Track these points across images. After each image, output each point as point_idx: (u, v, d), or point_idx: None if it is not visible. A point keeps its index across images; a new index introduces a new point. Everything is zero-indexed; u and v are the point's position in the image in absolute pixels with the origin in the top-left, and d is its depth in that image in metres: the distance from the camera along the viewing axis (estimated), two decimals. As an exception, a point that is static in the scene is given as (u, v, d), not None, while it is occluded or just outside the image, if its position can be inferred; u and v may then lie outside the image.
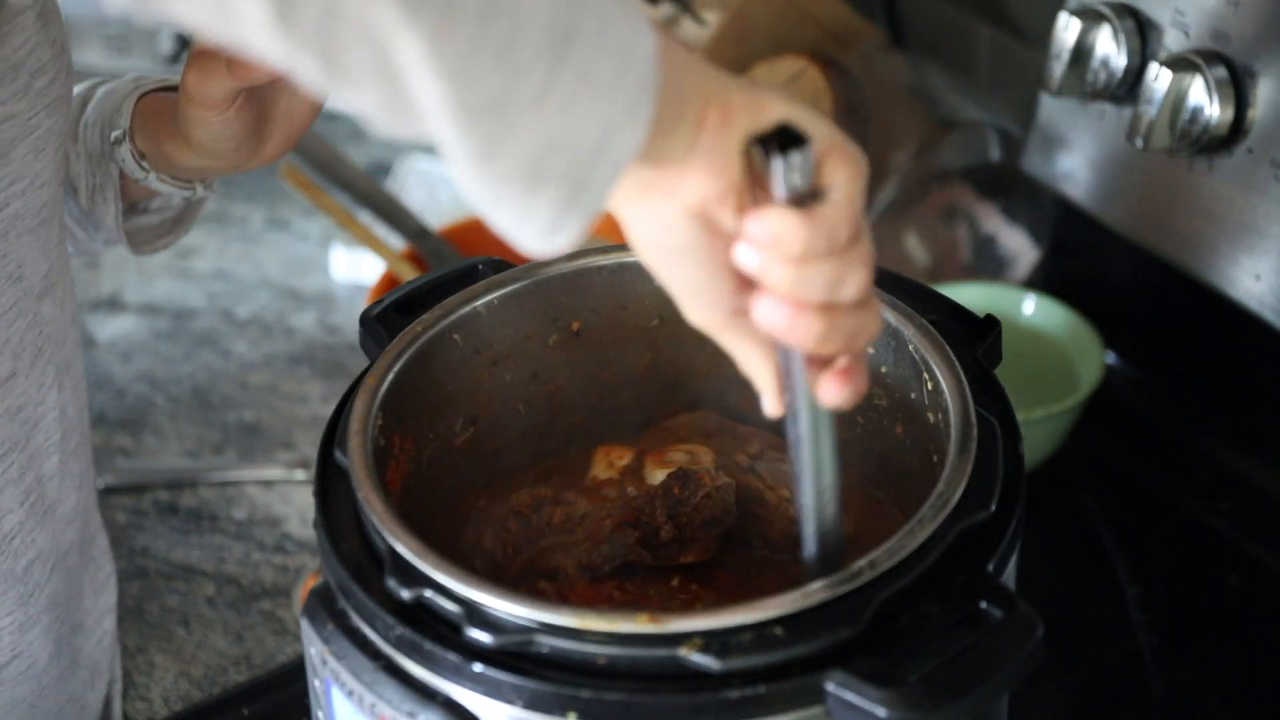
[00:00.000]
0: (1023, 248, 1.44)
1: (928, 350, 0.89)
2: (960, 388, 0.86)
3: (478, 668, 0.76)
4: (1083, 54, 1.21)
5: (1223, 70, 1.12)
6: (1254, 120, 1.12)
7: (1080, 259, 1.39)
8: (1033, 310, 1.34)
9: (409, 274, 1.40)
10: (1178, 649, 1.16)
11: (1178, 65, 1.13)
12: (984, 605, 0.77)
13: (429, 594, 0.77)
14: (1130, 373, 1.35)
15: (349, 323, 1.54)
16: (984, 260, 1.45)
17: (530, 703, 0.75)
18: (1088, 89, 1.22)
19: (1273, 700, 1.13)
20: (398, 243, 1.49)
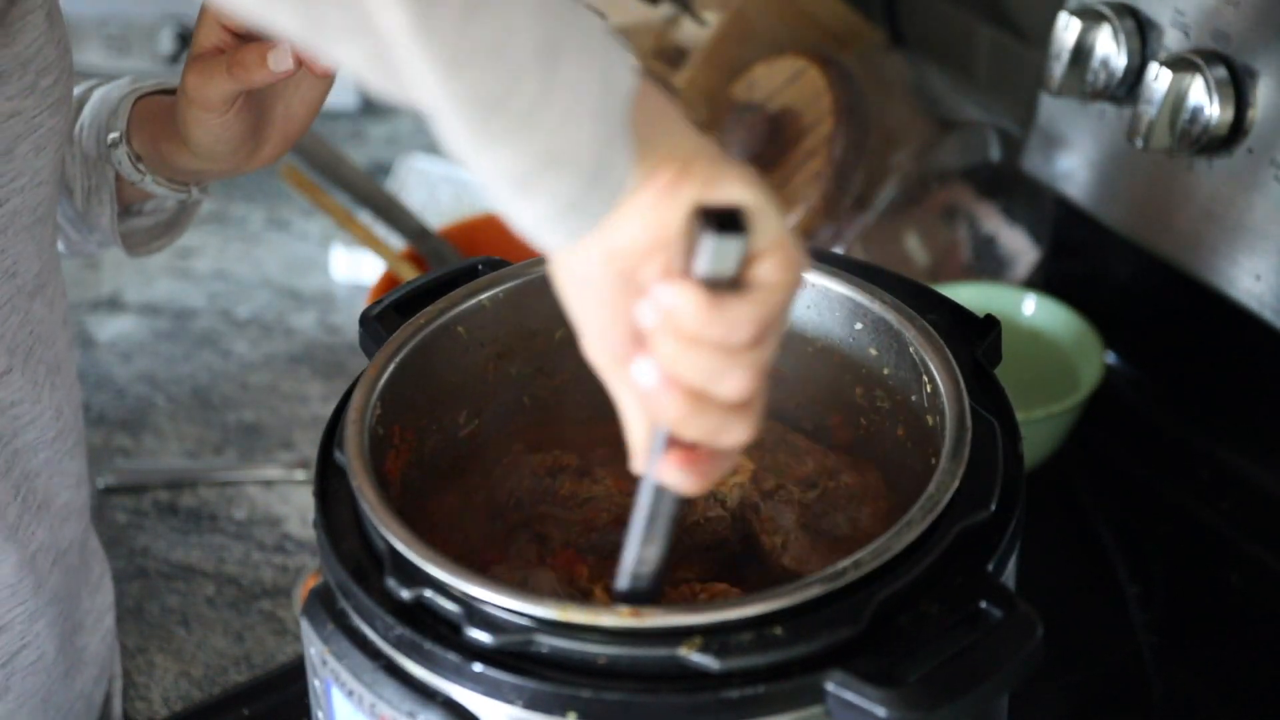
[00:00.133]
0: (1023, 248, 1.44)
1: (928, 353, 0.89)
2: (957, 391, 0.86)
3: (478, 667, 0.76)
4: (1083, 54, 1.21)
5: (1223, 70, 1.12)
6: (1254, 120, 1.12)
7: (1080, 259, 1.39)
8: (1033, 310, 1.34)
9: (409, 274, 1.40)
10: (1178, 649, 1.16)
11: (1178, 65, 1.13)
12: (984, 605, 0.77)
13: (429, 594, 0.77)
14: (1130, 373, 1.35)
15: (349, 323, 1.54)
16: (984, 260, 1.45)
17: (530, 702, 0.75)
18: (1088, 89, 1.22)
19: (1273, 700, 1.13)
20: (398, 243, 1.49)
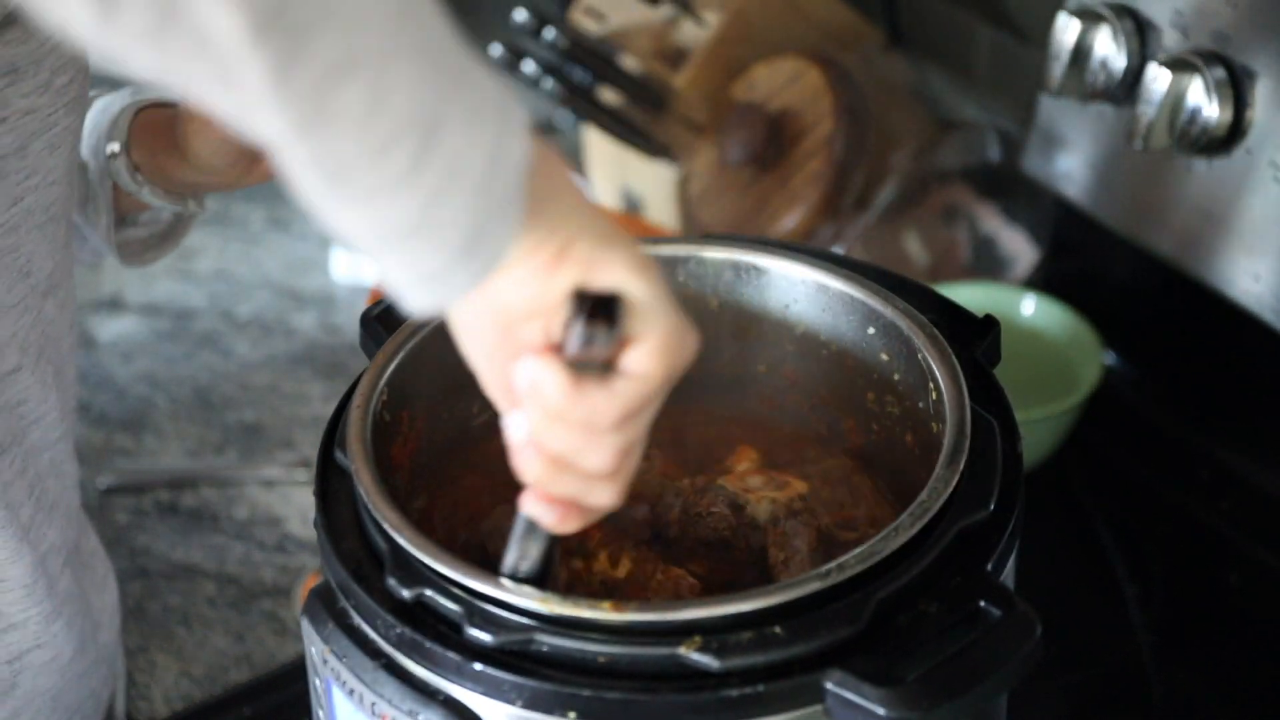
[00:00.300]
0: (1022, 248, 1.44)
1: (934, 358, 0.89)
2: (960, 398, 0.86)
3: (478, 667, 0.76)
4: (1082, 54, 1.21)
5: (1221, 71, 1.12)
6: (1252, 121, 1.12)
7: (1079, 259, 1.39)
8: (1032, 310, 1.34)
9: (409, 274, 1.40)
10: (1178, 649, 1.16)
11: (1177, 66, 1.13)
12: (983, 604, 0.77)
13: (429, 593, 0.78)
14: (1130, 373, 1.35)
15: (349, 323, 1.54)
16: (983, 260, 1.45)
17: (530, 702, 0.75)
18: (1087, 89, 1.22)
19: (1273, 700, 1.13)
20: (398, 243, 1.49)
